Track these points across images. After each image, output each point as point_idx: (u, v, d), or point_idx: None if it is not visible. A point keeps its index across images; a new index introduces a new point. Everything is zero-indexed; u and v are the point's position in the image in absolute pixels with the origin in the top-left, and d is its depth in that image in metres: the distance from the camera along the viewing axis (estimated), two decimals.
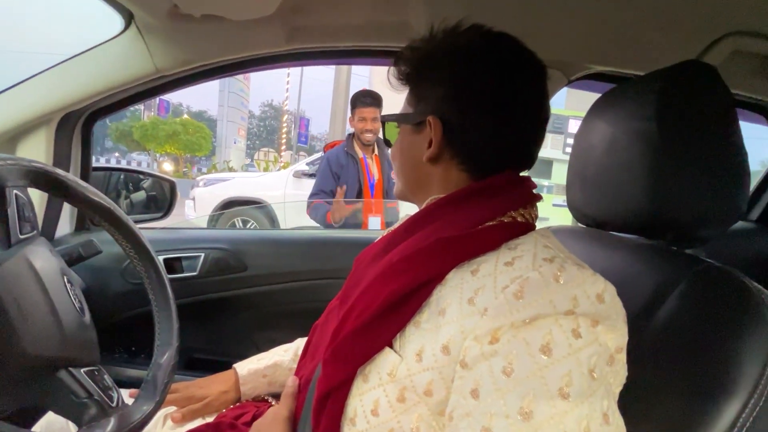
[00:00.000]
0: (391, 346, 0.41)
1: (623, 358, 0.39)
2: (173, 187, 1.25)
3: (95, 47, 0.86)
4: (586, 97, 0.92)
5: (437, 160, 0.48)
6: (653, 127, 0.48)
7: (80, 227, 1.06)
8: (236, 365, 0.74)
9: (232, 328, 1.12)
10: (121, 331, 1.02)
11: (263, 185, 4.99)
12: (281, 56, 0.95)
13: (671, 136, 0.48)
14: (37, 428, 0.65)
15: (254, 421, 0.56)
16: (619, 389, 0.39)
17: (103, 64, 0.86)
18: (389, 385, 0.40)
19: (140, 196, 1.26)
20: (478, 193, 0.46)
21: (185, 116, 27.13)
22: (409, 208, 0.53)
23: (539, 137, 0.49)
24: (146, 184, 1.27)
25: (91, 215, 0.63)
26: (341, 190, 1.83)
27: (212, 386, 0.72)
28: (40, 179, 0.53)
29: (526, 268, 0.38)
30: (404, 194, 0.55)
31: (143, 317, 0.80)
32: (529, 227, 0.45)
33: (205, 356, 1.11)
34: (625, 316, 0.39)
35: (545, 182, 5.30)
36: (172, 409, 0.70)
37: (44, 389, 0.50)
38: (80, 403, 0.51)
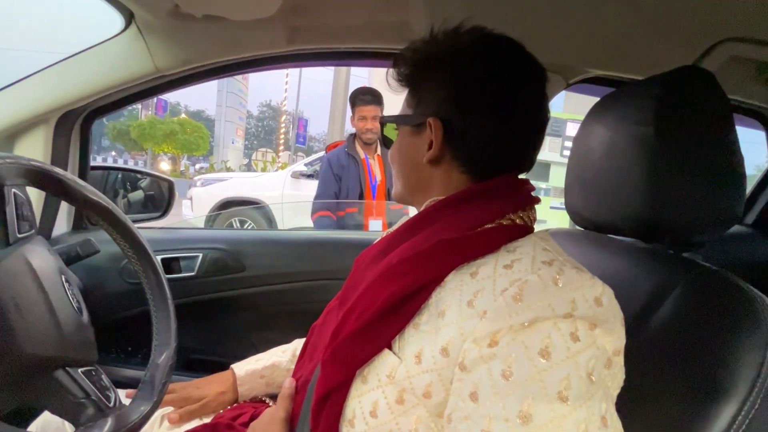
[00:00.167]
0: (390, 347, 0.42)
1: (621, 360, 0.39)
2: (171, 186, 1.24)
3: (95, 46, 0.86)
4: (584, 100, 0.92)
5: (438, 162, 0.48)
6: (651, 131, 0.49)
7: (77, 226, 1.05)
8: (234, 366, 0.74)
9: (230, 328, 1.12)
10: (118, 331, 1.01)
11: (261, 185, 4.98)
12: (282, 57, 0.95)
13: (669, 140, 0.48)
14: (32, 428, 0.65)
15: (252, 421, 0.56)
16: (617, 392, 0.39)
17: (102, 63, 0.86)
18: (388, 386, 0.40)
19: (138, 195, 1.25)
20: (477, 195, 0.46)
21: (183, 116, 27.01)
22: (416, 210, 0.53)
23: (539, 140, 0.49)
24: (144, 183, 1.26)
25: (89, 214, 0.63)
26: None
27: (210, 387, 0.72)
28: (39, 178, 0.52)
29: (525, 271, 0.38)
30: (403, 197, 0.54)
31: (141, 317, 0.80)
32: (527, 230, 0.46)
33: (202, 357, 1.11)
34: (622, 318, 0.39)
35: (543, 185, 5.32)
36: (169, 409, 0.70)
37: (41, 389, 0.50)
38: (77, 403, 0.51)
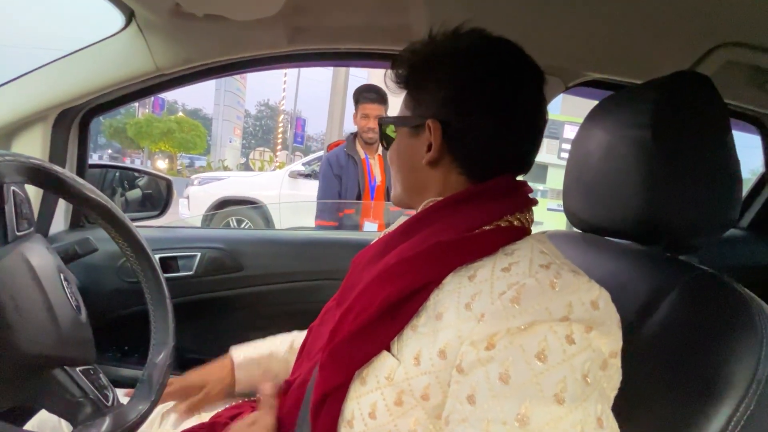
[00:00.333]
0: (388, 349, 0.42)
1: (617, 362, 0.39)
2: (169, 185, 1.24)
3: (94, 44, 0.86)
4: (581, 103, 0.93)
5: (437, 163, 0.48)
6: (649, 135, 0.49)
7: (75, 224, 1.05)
8: (232, 349, 0.73)
9: (227, 328, 1.11)
10: (116, 329, 1.01)
11: (258, 185, 4.97)
12: (282, 57, 0.95)
13: (666, 144, 0.49)
14: (29, 427, 0.64)
15: None
16: (613, 393, 0.39)
17: (102, 61, 0.86)
18: (387, 388, 0.40)
19: (136, 194, 1.24)
20: (476, 196, 0.46)
21: (180, 114, 26.91)
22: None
23: (537, 141, 0.49)
24: (142, 182, 1.25)
25: (87, 212, 0.63)
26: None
27: (209, 374, 0.71)
28: (38, 176, 0.52)
29: (522, 274, 0.39)
30: (402, 200, 0.54)
31: (139, 316, 0.79)
32: (525, 232, 0.46)
33: (200, 356, 1.11)
34: (619, 321, 0.40)
35: (540, 186, 5.33)
36: (169, 405, 0.69)
37: (39, 388, 0.50)
38: (75, 402, 0.51)
